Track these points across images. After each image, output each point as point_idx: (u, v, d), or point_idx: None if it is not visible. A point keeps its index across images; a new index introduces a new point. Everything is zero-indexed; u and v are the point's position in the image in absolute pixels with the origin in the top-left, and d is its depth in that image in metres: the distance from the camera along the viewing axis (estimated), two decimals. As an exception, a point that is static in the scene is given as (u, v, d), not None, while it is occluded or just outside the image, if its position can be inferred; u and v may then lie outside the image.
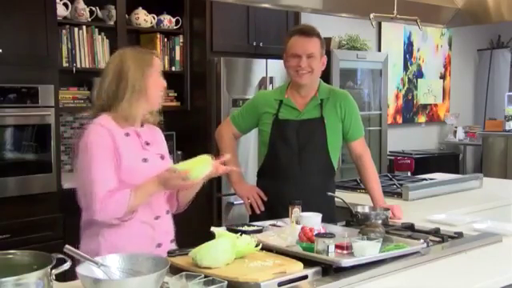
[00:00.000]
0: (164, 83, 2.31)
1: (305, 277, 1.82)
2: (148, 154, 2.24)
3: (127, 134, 2.22)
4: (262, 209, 2.80)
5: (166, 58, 4.75)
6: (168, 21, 4.72)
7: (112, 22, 4.39)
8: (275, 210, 2.66)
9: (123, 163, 2.14)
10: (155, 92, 2.26)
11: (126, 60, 2.21)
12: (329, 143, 2.81)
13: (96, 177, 2.10)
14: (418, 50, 7.29)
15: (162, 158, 2.31)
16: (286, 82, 2.95)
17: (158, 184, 2.13)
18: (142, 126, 2.30)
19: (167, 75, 5.22)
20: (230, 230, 2.13)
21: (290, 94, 2.84)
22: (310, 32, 2.76)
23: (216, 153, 3.03)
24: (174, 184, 2.13)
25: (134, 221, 2.16)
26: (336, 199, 2.80)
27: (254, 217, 2.79)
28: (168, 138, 4.56)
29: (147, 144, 2.27)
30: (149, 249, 2.14)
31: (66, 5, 4.15)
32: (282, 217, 2.47)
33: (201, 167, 2.18)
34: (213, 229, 2.07)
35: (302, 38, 2.74)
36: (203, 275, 1.68)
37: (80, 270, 1.62)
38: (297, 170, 2.76)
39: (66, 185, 3.95)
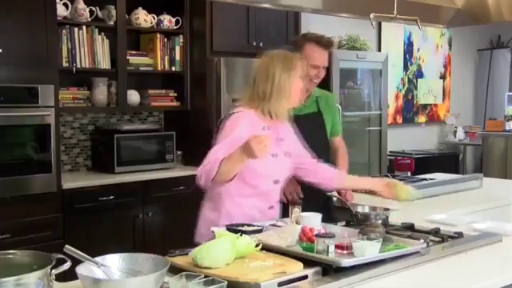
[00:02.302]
0: (302, 84, 2.50)
1: (305, 277, 1.81)
2: (278, 149, 2.47)
3: (265, 128, 2.44)
4: (302, 196, 2.79)
5: (166, 58, 4.75)
6: (168, 21, 4.72)
7: (112, 22, 4.39)
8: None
9: None
10: (296, 92, 2.46)
11: (274, 62, 2.42)
12: (327, 136, 3.00)
13: (214, 153, 2.33)
14: (418, 50, 7.29)
15: (289, 155, 2.53)
16: None
17: (240, 151, 2.25)
18: (278, 122, 2.50)
19: (167, 75, 5.28)
20: (230, 230, 2.13)
21: None
22: (329, 45, 2.91)
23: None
24: (249, 148, 2.20)
25: (250, 206, 2.46)
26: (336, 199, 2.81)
27: None
28: (168, 138, 4.63)
29: (281, 140, 2.49)
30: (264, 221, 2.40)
31: (65, 5, 4.15)
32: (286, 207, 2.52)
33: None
34: (213, 229, 2.07)
35: (322, 50, 2.86)
36: (203, 275, 1.68)
37: (80, 270, 1.62)
38: None
39: (66, 185, 3.96)
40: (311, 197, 2.64)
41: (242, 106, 2.48)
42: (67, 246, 1.66)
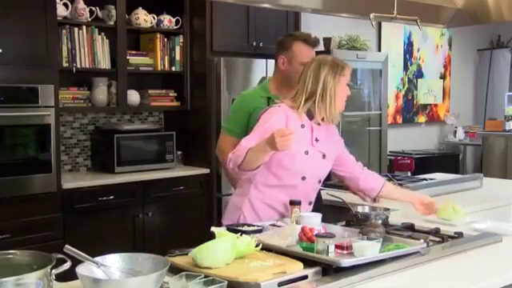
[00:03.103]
0: (348, 92, 2.56)
1: (305, 277, 1.81)
2: (312, 148, 2.53)
3: (302, 126, 2.51)
4: None
5: (166, 58, 4.75)
6: (168, 21, 4.72)
7: (112, 22, 4.39)
8: None
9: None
10: (342, 98, 2.53)
11: (323, 66, 2.49)
12: None
13: (245, 142, 2.44)
14: (418, 50, 7.29)
15: (324, 156, 2.58)
16: (266, 80, 3.08)
17: (265, 142, 2.33)
18: (319, 123, 2.55)
19: (167, 75, 5.28)
20: (230, 230, 2.13)
21: (276, 90, 2.90)
22: (316, 43, 2.93)
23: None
24: (273, 141, 2.26)
25: (273, 196, 2.53)
26: (336, 199, 2.80)
27: None
28: (168, 138, 4.64)
29: (316, 140, 2.54)
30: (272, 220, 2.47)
31: (65, 5, 4.15)
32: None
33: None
34: (213, 229, 2.07)
35: (310, 48, 2.88)
36: (203, 275, 1.68)
37: (80, 270, 1.62)
38: None
39: (66, 185, 3.96)
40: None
41: (284, 103, 2.55)
42: (67, 246, 1.66)
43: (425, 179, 3.78)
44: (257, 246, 1.95)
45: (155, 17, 4.67)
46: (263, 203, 2.56)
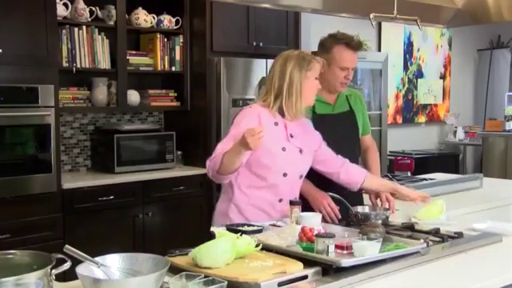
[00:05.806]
0: (318, 86, 2.54)
1: (305, 277, 1.82)
2: (288, 144, 2.52)
3: (276, 124, 2.51)
4: (340, 217, 2.69)
5: (166, 58, 4.75)
6: (168, 21, 4.72)
7: (112, 22, 4.39)
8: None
9: (263, 146, 2.31)
10: (310, 92, 2.52)
11: (289, 61, 2.48)
12: (360, 134, 3.01)
13: (220, 146, 2.43)
14: (418, 50, 7.29)
15: (301, 151, 2.56)
16: None
17: (239, 144, 2.29)
18: (291, 119, 2.54)
19: (167, 75, 5.28)
20: (230, 230, 2.13)
21: (318, 91, 2.85)
22: (359, 47, 2.89)
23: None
24: (245, 141, 2.23)
25: (258, 197, 2.51)
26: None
27: None
28: (168, 138, 4.63)
29: (291, 136, 2.54)
30: (263, 221, 2.42)
31: (65, 5, 4.15)
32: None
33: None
34: (213, 229, 2.08)
35: (352, 51, 2.85)
36: (203, 275, 1.68)
37: (80, 270, 1.62)
38: None
39: (66, 185, 3.96)
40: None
41: (256, 104, 2.56)
42: (67, 246, 1.66)
43: (425, 179, 3.78)
44: (257, 246, 1.95)
45: (155, 17, 4.67)
46: (249, 205, 2.53)
